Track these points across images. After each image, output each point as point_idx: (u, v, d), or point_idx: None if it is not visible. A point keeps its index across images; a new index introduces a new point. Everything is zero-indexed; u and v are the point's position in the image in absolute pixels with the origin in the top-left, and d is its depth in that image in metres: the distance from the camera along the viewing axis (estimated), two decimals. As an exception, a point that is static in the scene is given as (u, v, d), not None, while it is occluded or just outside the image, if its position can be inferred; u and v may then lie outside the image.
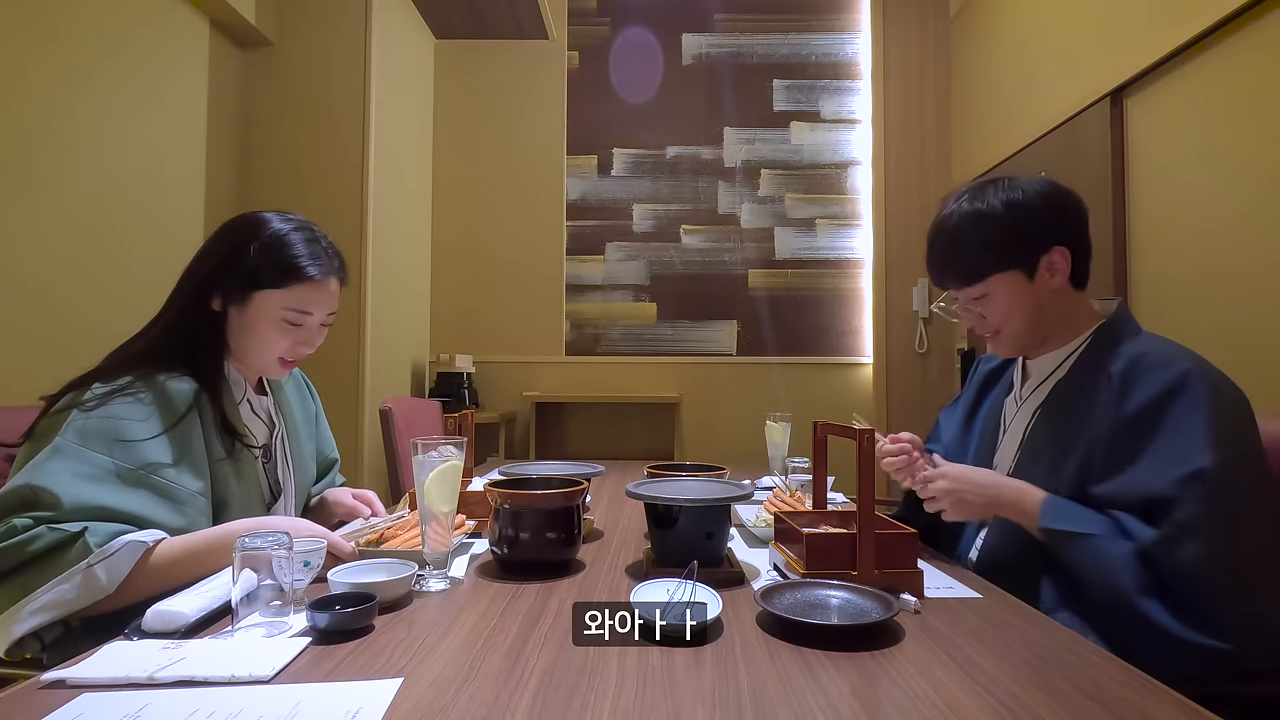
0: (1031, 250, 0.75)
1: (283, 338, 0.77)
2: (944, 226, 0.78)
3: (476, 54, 2.66)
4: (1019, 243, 0.74)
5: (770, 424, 1.29)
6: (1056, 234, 0.75)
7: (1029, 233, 0.74)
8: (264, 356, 0.79)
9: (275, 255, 0.75)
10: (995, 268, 0.75)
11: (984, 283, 0.76)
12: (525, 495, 0.71)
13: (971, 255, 0.76)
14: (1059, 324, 0.78)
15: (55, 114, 1.40)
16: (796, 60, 2.66)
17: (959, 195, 0.78)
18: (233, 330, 0.78)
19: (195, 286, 0.76)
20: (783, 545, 0.73)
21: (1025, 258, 0.75)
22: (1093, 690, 0.46)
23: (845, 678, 0.47)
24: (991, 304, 0.77)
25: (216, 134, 1.90)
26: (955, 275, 0.78)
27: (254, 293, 0.75)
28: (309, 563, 0.63)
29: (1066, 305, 0.77)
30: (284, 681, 0.47)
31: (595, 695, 0.44)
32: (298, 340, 0.79)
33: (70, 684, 0.45)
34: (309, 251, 0.76)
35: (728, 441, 2.55)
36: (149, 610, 0.54)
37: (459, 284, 2.65)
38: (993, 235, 0.74)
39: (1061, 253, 0.75)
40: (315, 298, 0.77)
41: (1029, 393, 0.82)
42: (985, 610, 0.61)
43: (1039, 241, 0.74)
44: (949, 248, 0.78)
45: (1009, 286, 0.75)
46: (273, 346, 0.78)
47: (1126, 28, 1.55)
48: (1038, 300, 0.76)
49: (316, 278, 0.76)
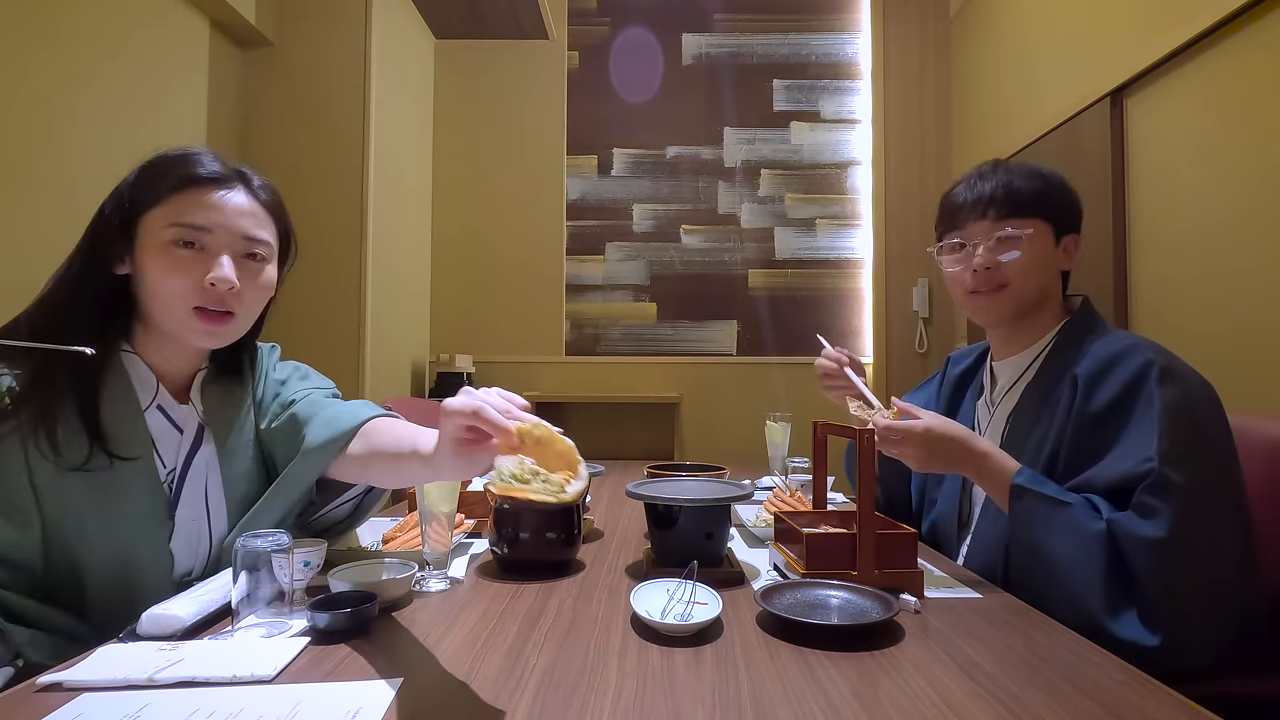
0: (1065, 222, 0.79)
1: (178, 272, 0.61)
2: (998, 166, 0.81)
3: (476, 54, 2.66)
4: (1060, 209, 0.78)
5: (770, 424, 1.29)
6: (1078, 224, 0.80)
7: (1068, 207, 0.79)
8: (170, 310, 0.62)
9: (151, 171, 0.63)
10: (1045, 214, 0.77)
11: (1028, 221, 0.77)
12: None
13: (1030, 192, 0.78)
14: (1045, 307, 0.80)
15: (56, 115, 1.40)
16: (796, 60, 2.66)
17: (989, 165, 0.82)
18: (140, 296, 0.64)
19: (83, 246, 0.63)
20: (783, 545, 0.73)
21: (1064, 222, 0.79)
22: (1093, 690, 0.46)
23: (845, 678, 0.47)
24: (1014, 245, 0.76)
25: (216, 134, 1.90)
26: (1006, 203, 0.77)
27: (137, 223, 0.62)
28: (309, 563, 0.63)
29: (1056, 294, 0.80)
30: (284, 681, 0.46)
31: (595, 695, 0.44)
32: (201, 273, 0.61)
33: (67, 686, 0.45)
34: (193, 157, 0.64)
35: (728, 441, 2.55)
36: (144, 614, 0.53)
37: (459, 284, 2.65)
38: (1047, 189, 0.78)
39: (1076, 241, 0.79)
40: (203, 203, 0.62)
41: (1000, 397, 0.82)
42: (985, 610, 0.61)
43: (1070, 220, 0.79)
44: (1001, 179, 0.79)
45: (1042, 238, 0.77)
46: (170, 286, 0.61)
47: (1126, 28, 1.55)
48: (1050, 265, 0.78)
49: (200, 175, 0.63)
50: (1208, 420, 0.63)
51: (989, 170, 0.81)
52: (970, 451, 0.71)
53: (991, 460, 0.70)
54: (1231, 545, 0.59)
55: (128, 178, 0.64)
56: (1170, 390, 0.62)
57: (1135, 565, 0.58)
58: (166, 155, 0.65)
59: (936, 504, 0.87)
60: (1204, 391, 0.65)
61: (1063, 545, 0.62)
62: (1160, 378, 0.63)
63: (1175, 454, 0.59)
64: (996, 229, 0.77)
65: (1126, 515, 0.59)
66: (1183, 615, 0.56)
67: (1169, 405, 0.61)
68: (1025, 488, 0.66)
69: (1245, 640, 0.60)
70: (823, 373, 0.92)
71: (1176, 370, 0.65)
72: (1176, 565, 0.57)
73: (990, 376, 0.85)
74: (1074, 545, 0.61)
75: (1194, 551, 0.57)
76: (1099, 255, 1.66)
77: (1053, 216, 0.77)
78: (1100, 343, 0.71)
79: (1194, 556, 0.57)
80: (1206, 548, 0.58)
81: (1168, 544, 0.57)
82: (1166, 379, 0.63)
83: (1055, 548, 0.63)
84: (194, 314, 0.63)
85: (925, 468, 0.72)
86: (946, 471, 0.74)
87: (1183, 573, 0.57)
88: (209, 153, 0.67)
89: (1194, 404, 0.63)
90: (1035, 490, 0.65)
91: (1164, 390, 0.62)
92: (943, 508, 0.85)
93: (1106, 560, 0.59)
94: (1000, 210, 0.78)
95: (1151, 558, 0.57)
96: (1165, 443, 0.60)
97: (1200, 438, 0.61)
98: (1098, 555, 0.59)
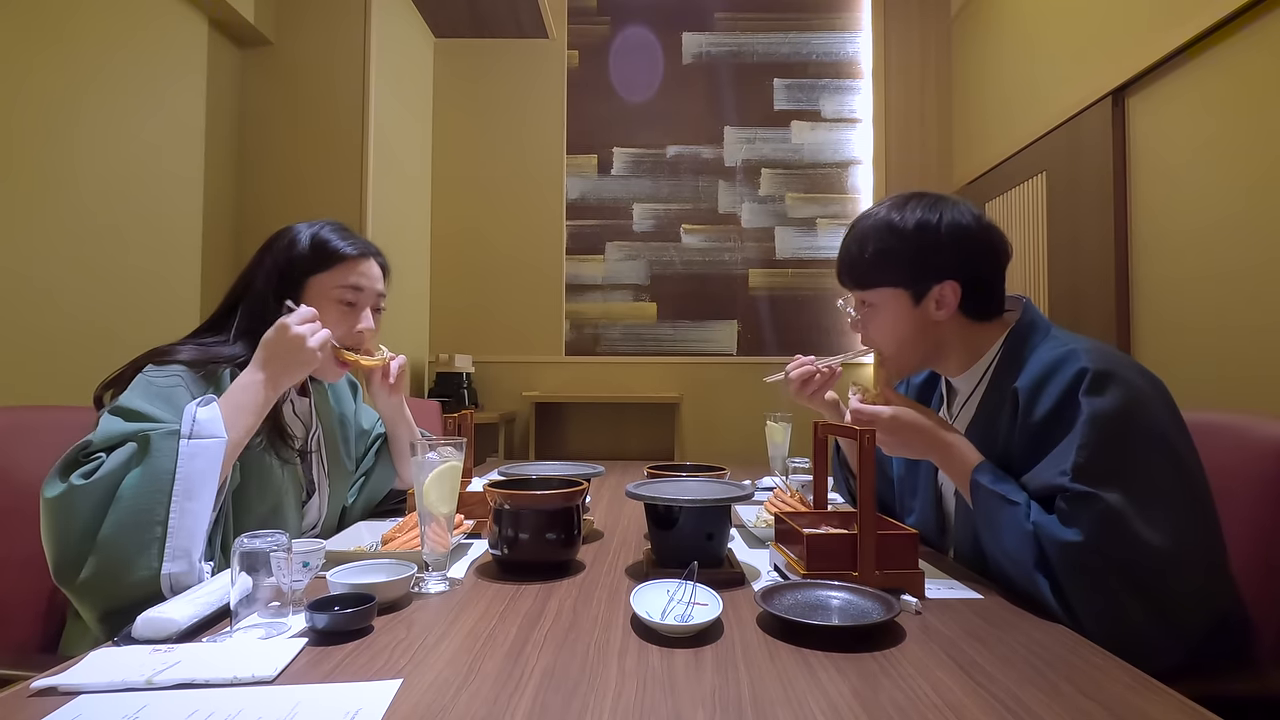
0: (924, 275, 0.75)
1: (340, 320, 0.84)
2: (857, 225, 0.80)
3: (476, 53, 2.66)
4: (913, 266, 0.75)
5: (771, 424, 1.28)
6: (952, 268, 0.74)
7: (926, 260, 0.74)
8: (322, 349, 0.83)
9: (316, 244, 0.84)
10: (884, 281, 0.77)
11: (871, 291, 0.78)
12: (525, 496, 0.71)
13: (868, 261, 0.77)
14: (947, 351, 0.78)
15: (56, 115, 1.40)
16: (797, 59, 2.66)
17: (889, 199, 0.80)
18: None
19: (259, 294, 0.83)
20: (783, 546, 0.73)
21: (916, 280, 0.75)
22: (1095, 692, 0.45)
23: (846, 679, 0.47)
24: (873, 316, 0.79)
25: (216, 134, 1.90)
26: (849, 275, 0.81)
27: (306, 280, 0.84)
28: (308, 563, 0.63)
29: (954, 334, 0.77)
30: (282, 683, 0.46)
31: (595, 697, 0.44)
32: (353, 324, 0.85)
33: (63, 690, 0.45)
34: (341, 236, 0.87)
35: (728, 442, 2.55)
36: (139, 617, 0.53)
37: (458, 283, 2.65)
38: (892, 248, 0.75)
39: (953, 288, 0.74)
40: (360, 272, 0.86)
41: (958, 410, 0.82)
42: (987, 611, 0.61)
43: (932, 271, 0.74)
44: (851, 246, 0.80)
45: (894, 303, 0.77)
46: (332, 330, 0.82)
47: (1128, 27, 1.54)
48: (918, 326, 0.76)
49: (355, 254, 0.85)
50: (1143, 426, 0.62)
51: (848, 229, 0.82)
52: (936, 440, 0.72)
53: (956, 451, 0.72)
54: (1187, 554, 0.58)
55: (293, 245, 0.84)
56: (1100, 399, 0.62)
57: (1055, 567, 0.60)
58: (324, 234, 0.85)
59: (914, 511, 0.88)
60: (1144, 395, 0.63)
61: (1008, 540, 0.64)
62: (1090, 387, 0.62)
63: (1092, 467, 0.60)
64: (854, 297, 0.82)
65: (1049, 519, 0.61)
66: (1112, 621, 0.56)
67: (1095, 414, 0.61)
68: (979, 483, 0.68)
69: (1218, 640, 0.60)
70: (800, 381, 0.97)
71: (1113, 374, 0.63)
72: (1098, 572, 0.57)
73: (949, 388, 0.86)
74: (1015, 541, 0.63)
75: (1126, 560, 0.57)
76: (1101, 255, 1.66)
77: (901, 279, 0.75)
78: (1040, 350, 0.71)
79: (1127, 565, 0.57)
80: (1145, 557, 0.57)
81: (1082, 548, 0.58)
82: (1097, 387, 0.62)
83: (1003, 541, 0.65)
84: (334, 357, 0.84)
85: (892, 451, 0.75)
86: (914, 457, 0.76)
87: (1108, 580, 0.57)
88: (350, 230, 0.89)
89: (1127, 411, 0.62)
90: (988, 486, 0.68)
91: (1092, 399, 0.62)
92: (920, 514, 0.86)
93: (1036, 557, 0.61)
94: (848, 280, 0.81)
95: (1066, 560, 0.59)
96: (1081, 455, 0.60)
97: (1135, 444, 0.61)
98: (1030, 552, 0.62)
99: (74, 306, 1.41)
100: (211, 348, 0.77)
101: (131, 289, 1.56)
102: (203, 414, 0.67)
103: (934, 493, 0.84)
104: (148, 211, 1.63)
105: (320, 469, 0.90)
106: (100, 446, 0.64)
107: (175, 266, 1.71)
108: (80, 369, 1.39)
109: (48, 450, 0.68)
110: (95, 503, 0.61)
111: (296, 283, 0.83)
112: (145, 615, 0.53)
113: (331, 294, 0.83)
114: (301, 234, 0.84)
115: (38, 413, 0.84)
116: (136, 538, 0.61)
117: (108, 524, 0.60)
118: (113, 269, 1.52)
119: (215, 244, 1.87)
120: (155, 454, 0.63)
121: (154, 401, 0.69)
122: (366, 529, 0.84)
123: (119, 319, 1.53)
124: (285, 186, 2.00)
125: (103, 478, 0.61)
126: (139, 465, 0.63)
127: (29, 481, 0.69)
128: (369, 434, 1.03)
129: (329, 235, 0.85)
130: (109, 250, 1.51)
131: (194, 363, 0.74)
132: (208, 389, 0.74)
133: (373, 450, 1.02)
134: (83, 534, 0.60)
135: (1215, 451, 0.67)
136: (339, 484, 0.94)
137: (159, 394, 0.70)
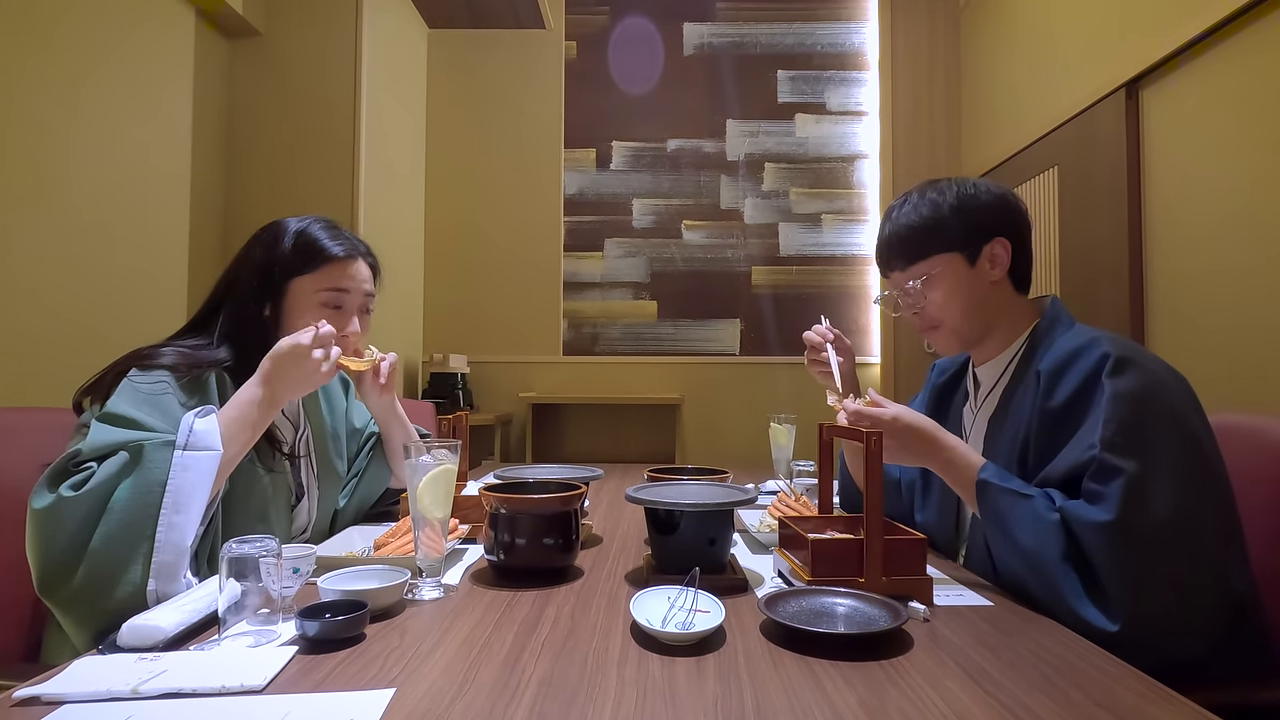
0: (976, 235, 0.78)
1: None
2: (892, 212, 0.82)
3: (471, 44, 2.63)
4: (965, 226, 0.78)
5: (774, 426, 1.27)
6: (1002, 227, 0.78)
7: (975, 220, 0.78)
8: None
9: (301, 244, 0.82)
10: (938, 248, 0.78)
11: (927, 261, 0.79)
12: (521, 500, 0.69)
13: (918, 235, 0.79)
14: (999, 320, 0.79)
15: (39, 109, 1.38)
16: (802, 50, 2.63)
17: (915, 189, 0.82)
18: (282, 331, 0.81)
19: (243, 295, 0.81)
20: (787, 551, 0.72)
21: (969, 241, 0.78)
22: (1106, 699, 0.45)
23: (852, 688, 0.46)
24: (932, 287, 0.79)
25: (203, 127, 1.87)
26: (901, 254, 0.81)
27: (289, 283, 0.81)
28: (298, 569, 0.61)
29: (1006, 302, 0.79)
30: (272, 692, 0.45)
31: (594, 706, 0.43)
32: (340, 327, 0.83)
33: (45, 699, 0.44)
34: (330, 235, 0.84)
35: (730, 444, 2.54)
36: (124, 625, 0.52)
37: (453, 281, 2.63)
38: (941, 218, 0.78)
39: (1004, 244, 0.77)
40: (346, 273, 0.83)
41: (982, 402, 0.83)
42: (997, 618, 0.60)
43: (982, 231, 0.78)
44: (897, 229, 0.80)
45: (950, 268, 0.78)
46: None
47: (1142, 18, 1.52)
48: (977, 289, 0.78)
49: (341, 255, 0.83)
50: (1164, 406, 0.63)
51: (885, 217, 0.83)
52: (937, 445, 0.72)
53: (957, 455, 0.71)
54: (1203, 532, 0.59)
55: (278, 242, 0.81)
56: (1121, 380, 0.63)
57: (1089, 551, 0.59)
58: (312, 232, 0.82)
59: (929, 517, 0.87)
60: (1166, 380, 0.65)
61: (1026, 537, 0.63)
62: (1113, 369, 0.64)
63: (1118, 440, 0.60)
64: (905, 278, 0.81)
65: (1077, 503, 0.61)
66: (1146, 602, 0.57)
67: (1118, 393, 0.63)
68: (989, 482, 0.68)
69: (1238, 631, 0.59)
70: (809, 344, 0.95)
71: (1134, 361, 0.65)
72: (1132, 550, 0.57)
73: (974, 381, 0.86)
74: (1035, 536, 0.62)
75: (1153, 537, 0.58)
76: (1114, 250, 1.64)
77: (955, 242, 0.77)
78: (1064, 338, 0.72)
79: (1154, 542, 0.58)
80: (1169, 534, 0.58)
81: (1116, 526, 0.58)
82: (1119, 370, 0.64)
83: (1019, 539, 0.64)
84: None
85: (892, 457, 0.74)
86: (914, 464, 0.76)
87: (1140, 558, 0.57)
88: (340, 227, 0.87)
89: (1148, 391, 0.63)
90: (998, 484, 0.67)
91: (1115, 380, 0.64)
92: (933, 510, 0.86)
93: (1064, 548, 0.60)
94: (899, 261, 0.81)
95: (1102, 542, 0.58)
96: (1108, 429, 0.61)
97: (1154, 422, 0.62)
98: (1056, 544, 0.61)
99: (59, 305, 1.40)
100: (196, 351, 0.75)
101: (117, 287, 1.54)
102: (200, 425, 0.66)
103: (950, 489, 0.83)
104: (134, 208, 1.61)
105: (310, 472, 0.88)
106: (90, 456, 0.62)
107: (162, 264, 1.69)
108: (65, 369, 1.37)
109: (31, 453, 0.67)
110: (84, 515, 0.59)
111: (279, 285, 0.80)
112: (131, 622, 0.52)
113: (316, 297, 0.81)
114: (288, 231, 0.82)
115: (20, 414, 0.83)
116: (126, 551, 0.59)
117: (98, 536, 0.59)
118: (98, 267, 1.50)
119: (202, 241, 1.85)
120: (147, 465, 0.62)
121: (143, 408, 0.67)
122: (358, 534, 0.83)
123: (104, 317, 1.51)
124: (274, 181, 1.97)
125: (93, 489, 0.60)
126: (130, 476, 0.61)
127: (12, 485, 0.68)
128: (361, 433, 1.01)
129: (316, 234, 0.82)
130: (94, 248, 1.50)
131: (178, 367, 0.72)
132: (194, 394, 0.72)
133: (365, 450, 1.00)
134: (71, 546, 0.59)
135: (1230, 453, 0.66)
136: (329, 487, 0.92)
137: (147, 399, 0.68)
